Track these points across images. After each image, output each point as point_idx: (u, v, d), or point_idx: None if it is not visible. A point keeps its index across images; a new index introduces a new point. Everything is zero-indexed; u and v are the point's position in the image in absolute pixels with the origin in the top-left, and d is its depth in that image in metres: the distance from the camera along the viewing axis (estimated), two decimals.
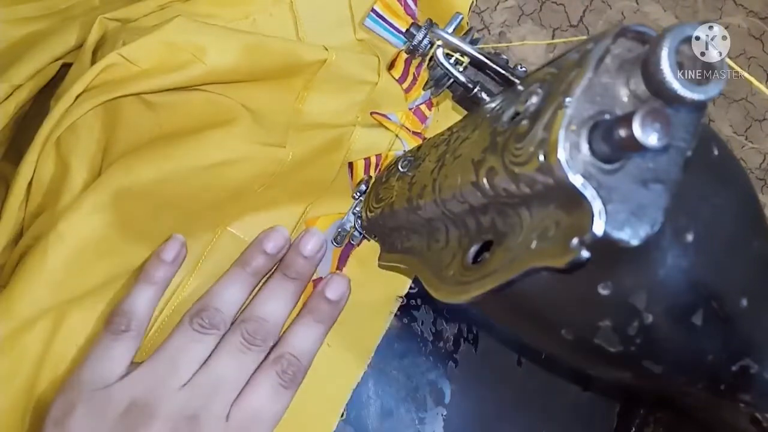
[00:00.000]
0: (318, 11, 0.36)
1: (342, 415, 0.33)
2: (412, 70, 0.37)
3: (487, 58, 0.31)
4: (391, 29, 0.37)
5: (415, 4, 0.38)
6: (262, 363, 0.29)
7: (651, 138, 0.16)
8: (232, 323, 0.30)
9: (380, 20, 0.37)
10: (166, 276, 0.30)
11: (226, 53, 0.31)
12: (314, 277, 0.33)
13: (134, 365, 0.28)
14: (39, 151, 0.30)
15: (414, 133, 0.37)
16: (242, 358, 0.28)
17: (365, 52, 0.37)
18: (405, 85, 0.37)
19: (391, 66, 0.37)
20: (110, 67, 0.30)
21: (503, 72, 0.30)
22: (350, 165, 0.36)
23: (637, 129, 0.16)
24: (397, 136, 0.36)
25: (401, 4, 0.37)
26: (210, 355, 0.28)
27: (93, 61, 0.31)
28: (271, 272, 0.32)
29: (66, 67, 0.34)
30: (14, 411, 0.28)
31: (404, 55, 0.37)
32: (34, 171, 0.30)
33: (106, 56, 0.29)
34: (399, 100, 0.37)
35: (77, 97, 0.30)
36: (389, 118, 0.37)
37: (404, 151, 0.36)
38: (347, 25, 0.37)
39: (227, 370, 0.28)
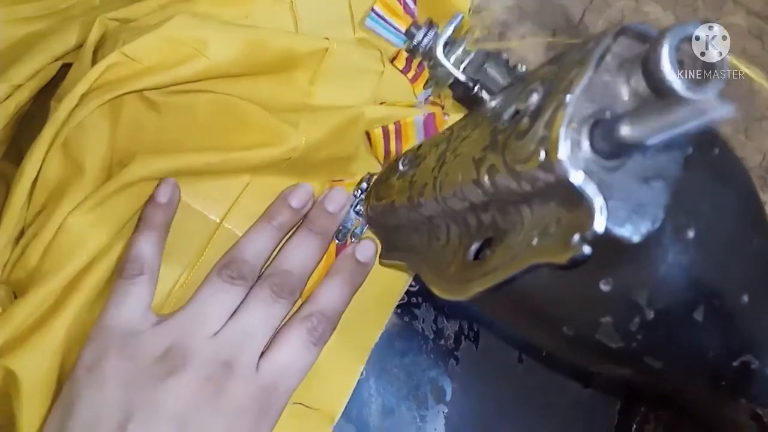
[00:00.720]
0: (318, 11, 0.36)
1: (362, 373, 0.34)
2: (415, 65, 0.37)
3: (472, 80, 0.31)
4: (391, 29, 0.37)
5: (415, 4, 0.38)
6: (291, 319, 0.30)
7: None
8: (259, 276, 0.31)
9: (380, 20, 0.37)
10: (165, 219, 0.31)
11: (229, 46, 0.31)
12: None
13: (163, 316, 0.29)
14: (44, 150, 0.30)
15: (432, 102, 0.37)
16: (270, 310, 0.29)
17: (366, 51, 0.37)
18: (409, 75, 0.37)
19: (393, 60, 0.37)
20: (113, 66, 0.30)
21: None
22: (368, 134, 0.36)
23: None
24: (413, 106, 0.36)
25: (401, 4, 0.37)
26: (239, 307, 0.29)
27: (93, 61, 0.31)
28: (295, 228, 0.33)
29: (66, 67, 0.34)
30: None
31: (405, 54, 0.37)
32: (39, 170, 0.30)
33: (108, 55, 0.30)
34: (407, 91, 0.37)
35: (81, 98, 0.30)
36: None
37: (423, 114, 0.36)
38: (347, 24, 0.37)
39: (256, 321, 0.29)
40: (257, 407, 0.27)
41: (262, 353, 0.29)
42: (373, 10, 0.36)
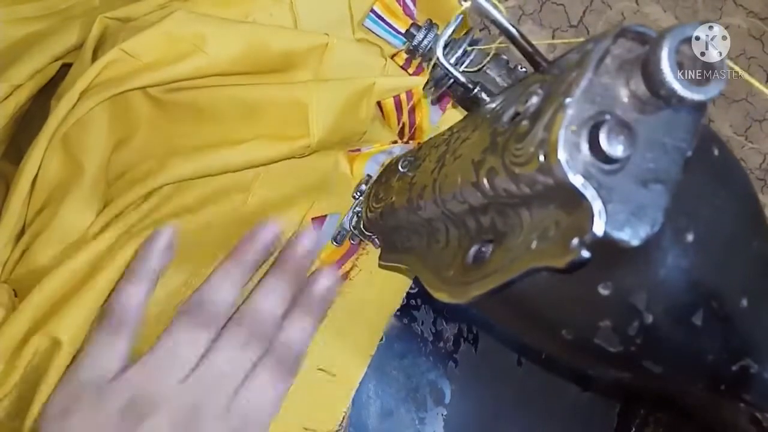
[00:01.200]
0: (318, 11, 0.36)
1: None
2: (414, 63, 0.37)
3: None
4: (390, 30, 0.37)
5: (414, 5, 0.38)
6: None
7: (617, 150, 0.17)
8: (232, 316, 0.30)
9: (379, 21, 0.37)
10: (157, 268, 0.30)
11: (227, 42, 0.31)
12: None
13: (131, 362, 0.28)
14: (44, 148, 0.30)
15: None
16: (241, 353, 0.29)
17: (367, 51, 0.37)
18: (410, 71, 0.37)
19: (392, 57, 0.37)
20: (113, 63, 0.30)
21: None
22: (379, 105, 0.36)
23: (603, 140, 0.17)
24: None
25: (400, 5, 0.37)
26: (209, 349, 0.28)
27: (93, 60, 0.31)
28: (267, 266, 0.32)
29: (66, 67, 0.34)
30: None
31: (404, 55, 0.37)
32: (39, 168, 0.31)
33: (107, 52, 0.30)
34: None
35: (81, 95, 0.30)
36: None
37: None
38: (347, 25, 0.37)
39: (227, 364, 0.28)
40: None
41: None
42: (372, 10, 0.36)
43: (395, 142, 0.37)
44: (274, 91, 0.33)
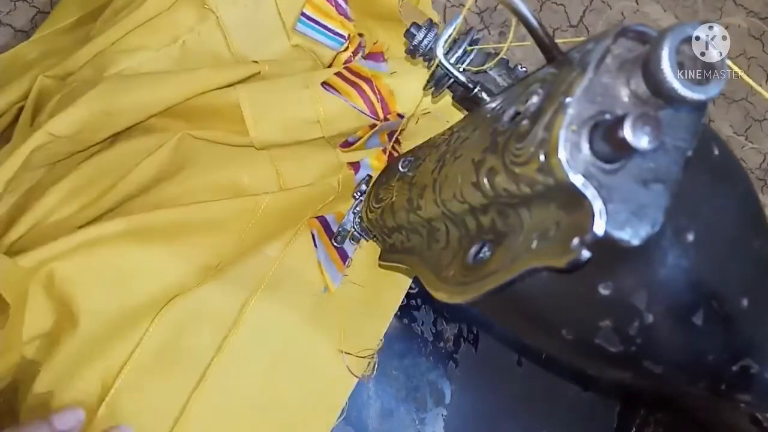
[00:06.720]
0: (246, 23, 0.36)
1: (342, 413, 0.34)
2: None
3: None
4: (324, 31, 0.37)
5: (346, 3, 0.38)
6: None
7: (642, 141, 0.16)
8: None
9: (312, 23, 0.36)
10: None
11: (158, 100, 0.32)
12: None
13: None
14: None
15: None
16: None
17: (301, 58, 0.37)
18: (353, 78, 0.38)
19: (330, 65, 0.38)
20: (40, 147, 0.31)
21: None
22: (329, 86, 0.36)
23: (628, 132, 0.16)
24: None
25: (332, 5, 0.37)
26: None
27: (32, 121, 0.32)
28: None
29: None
30: None
31: (342, 57, 0.37)
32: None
33: (33, 135, 0.30)
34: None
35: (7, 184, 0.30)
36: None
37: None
38: (280, 32, 0.37)
39: None
40: None
41: None
42: (303, 13, 0.36)
43: (374, 126, 0.37)
44: (210, 99, 0.33)
